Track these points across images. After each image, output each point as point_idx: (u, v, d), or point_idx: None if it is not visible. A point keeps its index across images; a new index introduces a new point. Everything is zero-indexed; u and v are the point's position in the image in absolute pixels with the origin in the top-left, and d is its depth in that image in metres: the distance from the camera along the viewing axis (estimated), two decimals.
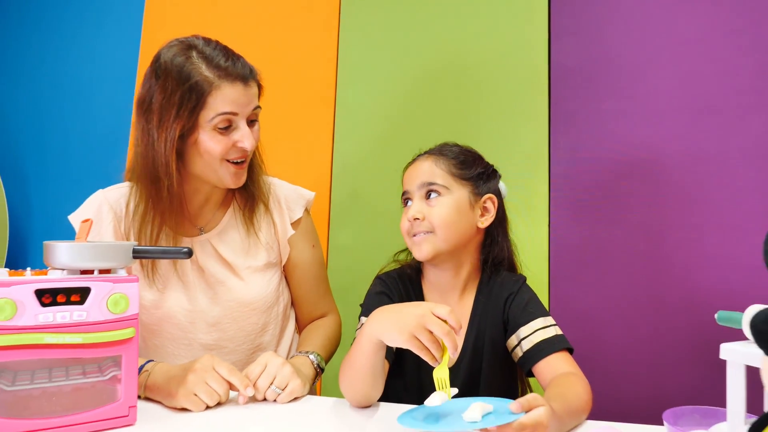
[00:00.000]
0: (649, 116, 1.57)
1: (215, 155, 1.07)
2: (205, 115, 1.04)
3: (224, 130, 1.06)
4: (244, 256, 1.18)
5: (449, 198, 1.07)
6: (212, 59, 1.05)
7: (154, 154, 1.06)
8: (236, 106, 1.06)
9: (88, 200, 1.15)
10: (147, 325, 1.12)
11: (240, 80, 1.06)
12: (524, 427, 0.71)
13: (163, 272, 1.12)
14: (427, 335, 0.80)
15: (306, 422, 0.88)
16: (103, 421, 0.81)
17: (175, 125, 1.03)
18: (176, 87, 1.03)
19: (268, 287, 1.19)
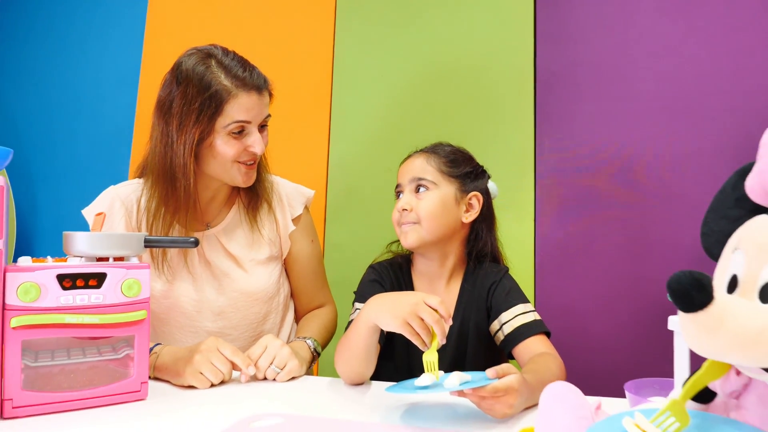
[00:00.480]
0: (629, 118, 1.64)
1: (228, 158, 1.14)
2: (221, 121, 1.11)
3: (237, 135, 1.14)
4: (248, 250, 1.25)
5: (436, 193, 1.15)
6: (230, 69, 1.13)
7: (173, 155, 1.13)
8: (250, 115, 1.13)
9: (100, 196, 1.22)
10: (156, 313, 1.19)
11: (255, 90, 1.14)
12: (497, 390, 0.79)
13: (172, 264, 1.19)
14: (418, 322, 0.88)
15: (303, 398, 0.95)
16: (116, 395, 0.89)
17: (194, 130, 1.11)
18: (196, 94, 1.10)
19: (270, 279, 1.27)
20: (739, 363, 0.46)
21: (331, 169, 1.86)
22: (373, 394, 0.98)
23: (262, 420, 0.81)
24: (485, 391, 0.78)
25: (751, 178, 0.54)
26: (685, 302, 0.43)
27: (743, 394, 0.52)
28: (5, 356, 0.80)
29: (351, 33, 1.88)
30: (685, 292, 0.43)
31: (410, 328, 0.88)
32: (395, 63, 1.82)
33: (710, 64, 1.59)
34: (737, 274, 0.49)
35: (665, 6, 1.63)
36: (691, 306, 0.43)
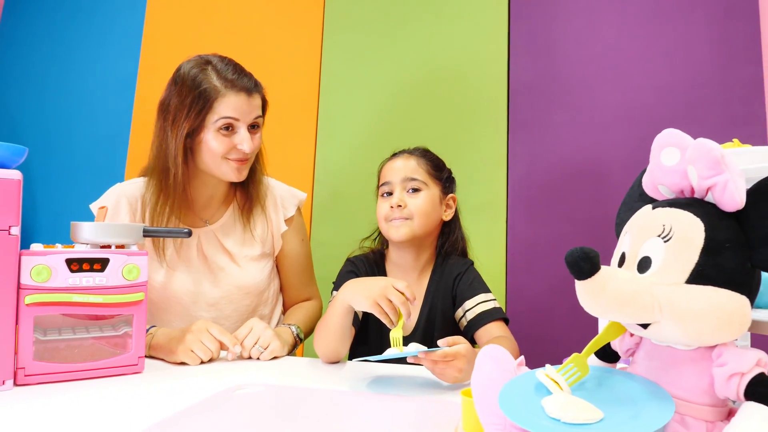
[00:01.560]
0: (595, 126, 1.76)
1: (217, 153, 1.24)
2: (210, 117, 1.22)
3: (226, 132, 1.24)
4: (242, 247, 1.36)
5: (427, 193, 1.27)
6: (222, 72, 1.24)
7: (167, 147, 1.24)
8: (238, 113, 1.23)
9: (107, 193, 1.31)
10: (156, 302, 1.29)
11: (244, 91, 1.24)
12: (446, 355, 0.90)
13: (172, 258, 1.29)
14: (387, 303, 0.99)
15: (283, 372, 1.06)
16: (116, 368, 1.00)
17: (185, 123, 1.22)
18: (189, 92, 1.22)
19: (261, 274, 1.38)
20: (619, 320, 0.58)
21: (317, 173, 1.96)
22: (346, 369, 1.09)
23: (245, 389, 0.92)
24: (436, 356, 0.90)
25: (645, 176, 0.66)
26: (576, 271, 0.55)
27: (636, 351, 0.64)
28: (19, 330, 0.91)
29: (338, 42, 1.99)
30: (575, 263, 0.55)
31: (379, 307, 0.99)
32: (379, 71, 1.93)
33: (668, 77, 1.71)
34: (625, 251, 0.61)
35: (628, 23, 1.75)
36: (580, 274, 0.55)
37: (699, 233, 0.55)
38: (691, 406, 0.56)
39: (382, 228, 1.29)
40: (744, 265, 0.55)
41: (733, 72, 1.68)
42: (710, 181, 0.57)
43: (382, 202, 1.29)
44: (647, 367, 0.61)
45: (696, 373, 0.57)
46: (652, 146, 0.65)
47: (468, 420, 0.72)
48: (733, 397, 0.54)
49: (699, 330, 0.54)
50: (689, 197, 0.60)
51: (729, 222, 0.56)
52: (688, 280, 0.54)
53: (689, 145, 0.60)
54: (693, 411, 0.56)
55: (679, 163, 0.60)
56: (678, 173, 0.60)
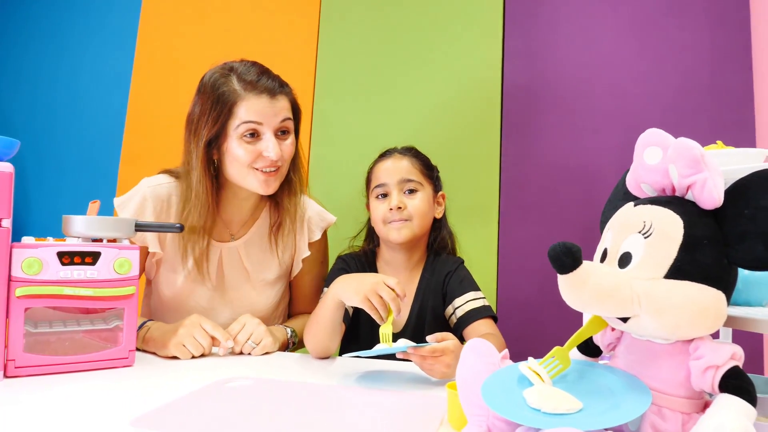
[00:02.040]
0: (587, 130, 1.77)
1: (242, 162, 1.17)
2: (232, 123, 1.16)
3: (251, 139, 1.17)
4: (260, 268, 1.31)
5: (424, 193, 1.29)
6: (243, 75, 1.17)
7: (191, 159, 1.20)
8: (261, 116, 1.16)
9: (134, 191, 1.25)
10: (168, 303, 1.28)
11: (266, 93, 1.17)
12: (435, 351, 0.91)
13: (193, 269, 1.24)
14: (377, 298, 1.00)
15: (273, 367, 1.07)
16: (106, 361, 1.00)
17: (204, 131, 1.17)
18: (208, 98, 1.17)
19: (275, 298, 1.35)
20: (600, 313, 0.59)
21: (312, 173, 1.97)
22: (336, 365, 1.10)
23: (235, 382, 0.93)
24: (425, 351, 0.91)
25: (628, 175, 0.68)
26: (558, 265, 0.56)
27: (617, 346, 0.65)
28: (10, 322, 0.92)
29: (333, 43, 2.00)
30: (557, 257, 0.56)
31: (369, 303, 1.00)
32: (374, 72, 1.94)
33: (659, 82, 1.73)
34: (607, 247, 0.62)
35: (621, 29, 1.77)
36: (562, 268, 0.56)
37: (678, 230, 0.57)
38: (668, 398, 0.57)
39: (380, 230, 1.29)
40: (721, 261, 0.56)
41: (724, 78, 1.70)
42: (690, 180, 0.58)
43: (378, 204, 1.29)
44: (627, 361, 0.62)
45: (673, 366, 0.58)
46: (636, 145, 0.66)
47: (453, 412, 0.73)
48: (708, 389, 0.55)
49: (676, 323, 0.55)
50: (670, 195, 0.62)
51: (707, 219, 0.58)
52: (666, 275, 0.56)
53: (671, 144, 0.61)
54: (670, 403, 0.57)
55: (661, 162, 0.62)
56: (659, 172, 0.62)
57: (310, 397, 0.86)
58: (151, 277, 1.32)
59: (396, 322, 1.26)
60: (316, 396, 0.87)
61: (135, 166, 2.08)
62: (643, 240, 0.58)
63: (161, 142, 2.03)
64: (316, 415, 0.77)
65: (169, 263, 1.27)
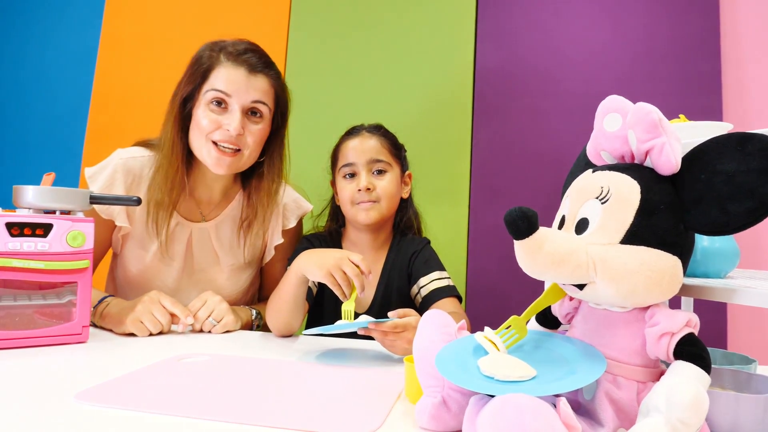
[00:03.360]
0: (558, 113, 1.77)
1: (202, 130, 1.15)
2: (203, 87, 1.15)
3: (216, 108, 1.14)
4: (231, 253, 1.28)
5: (392, 174, 1.27)
6: (230, 47, 1.17)
7: (167, 128, 1.19)
8: (231, 87, 1.13)
9: (106, 162, 1.22)
10: (132, 281, 1.25)
11: (245, 66, 1.14)
12: (396, 326, 0.90)
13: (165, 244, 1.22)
14: (341, 274, 0.98)
15: (233, 344, 1.05)
16: (59, 336, 0.97)
17: (182, 92, 1.17)
18: (191, 65, 1.18)
19: (243, 284, 1.32)
20: (555, 280, 0.58)
21: None
22: (297, 343, 1.08)
23: (190, 358, 0.91)
24: (386, 326, 0.90)
25: (589, 144, 0.67)
26: (514, 230, 0.55)
27: (575, 316, 0.64)
28: None
29: (304, 26, 1.96)
30: (513, 222, 0.55)
31: (333, 278, 0.98)
32: (345, 54, 1.90)
33: (628, 68, 1.73)
34: (564, 214, 0.61)
35: (593, 13, 1.77)
36: (518, 233, 0.55)
37: (635, 195, 0.56)
38: (623, 366, 0.57)
39: (347, 210, 1.27)
40: (677, 227, 0.56)
41: (692, 65, 1.71)
42: (648, 145, 0.57)
43: (346, 184, 1.26)
44: (584, 330, 0.61)
45: (629, 334, 0.57)
46: (596, 113, 0.65)
47: (410, 385, 0.72)
48: (663, 356, 0.55)
49: (632, 289, 0.54)
50: (629, 162, 0.61)
51: (664, 185, 0.57)
52: (622, 240, 0.55)
53: (630, 110, 0.60)
54: (625, 371, 0.57)
55: (621, 128, 0.61)
56: (619, 139, 0.61)
57: (267, 373, 0.84)
58: (118, 251, 1.28)
59: (361, 302, 1.24)
60: (273, 372, 0.85)
61: (100, 142, 2.02)
62: (600, 205, 0.57)
63: (127, 119, 1.99)
64: (270, 390, 0.75)
65: (137, 239, 1.24)
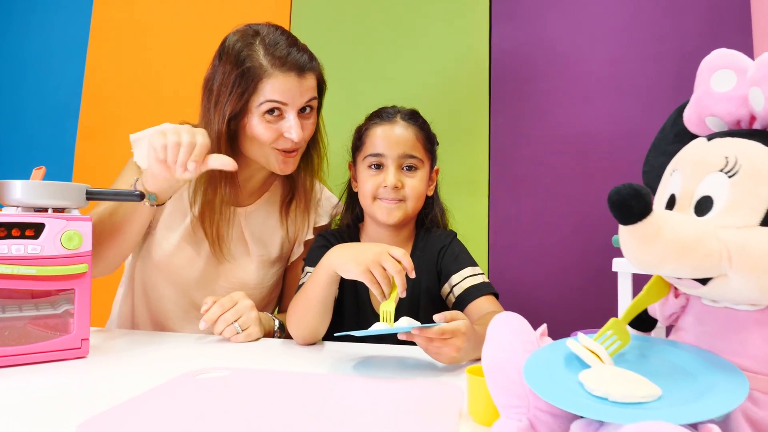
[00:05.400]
0: (580, 96, 1.67)
1: (262, 141, 1.09)
2: (255, 100, 1.07)
3: (273, 118, 1.08)
4: (261, 244, 1.22)
5: (423, 172, 1.15)
6: (271, 47, 1.07)
7: (210, 132, 1.07)
8: (286, 96, 1.07)
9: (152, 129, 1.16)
10: (157, 269, 1.17)
11: (294, 70, 1.07)
12: (444, 332, 0.79)
13: (188, 232, 1.16)
14: (380, 271, 0.87)
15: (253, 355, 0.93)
16: (55, 352, 0.85)
17: (227, 106, 1.07)
18: (233, 70, 1.07)
19: (270, 280, 1.24)
20: (676, 273, 0.47)
21: None
22: (325, 350, 0.97)
23: (208, 373, 0.79)
24: (432, 332, 0.78)
25: (688, 108, 0.56)
26: (625, 212, 0.44)
27: (681, 316, 0.54)
28: None
29: (308, 8, 1.85)
30: (623, 201, 0.44)
31: (371, 276, 0.87)
32: (354, 37, 1.80)
33: (655, 47, 1.63)
34: (675, 192, 0.50)
35: None
36: (630, 216, 0.44)
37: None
38: (759, 378, 0.46)
39: (367, 206, 1.15)
40: None
41: (723, 41, 1.58)
42: None
43: (369, 176, 1.14)
44: (699, 334, 0.51)
45: (764, 338, 0.47)
46: (699, 71, 0.54)
47: (476, 402, 0.61)
48: None
49: None
50: (749, 128, 0.50)
51: None
52: (763, 222, 0.44)
53: (749, 65, 0.49)
54: (762, 384, 0.46)
55: (736, 87, 0.50)
56: (734, 100, 0.50)
57: (298, 389, 0.73)
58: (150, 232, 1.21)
59: None
60: (304, 388, 0.74)
61: (94, 141, 1.92)
62: (728, 180, 0.46)
63: (123, 114, 1.89)
64: (305, 411, 0.64)
65: (165, 220, 1.18)
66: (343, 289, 1.11)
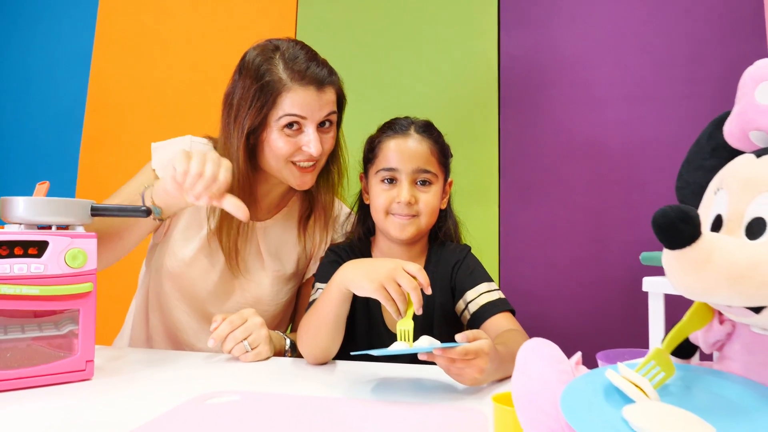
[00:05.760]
0: (591, 103, 1.65)
1: (280, 155, 1.07)
2: (274, 114, 1.05)
3: (291, 132, 1.07)
4: (278, 260, 1.20)
5: (437, 186, 1.12)
6: (290, 61, 1.06)
7: (229, 147, 1.08)
8: (305, 109, 1.05)
9: (176, 140, 1.16)
10: (171, 277, 1.15)
11: (314, 84, 1.06)
12: (467, 353, 0.75)
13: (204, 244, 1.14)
14: (395, 287, 0.84)
15: (263, 376, 0.90)
16: (59, 375, 0.82)
17: (246, 120, 1.05)
18: (252, 84, 1.05)
19: (284, 297, 1.21)
20: (728, 301, 0.43)
21: None
22: (338, 371, 0.93)
23: (218, 397, 0.76)
24: (455, 353, 0.75)
25: (730, 122, 0.52)
26: (672, 236, 0.41)
27: (727, 344, 0.50)
28: None
29: (315, 13, 1.83)
30: (671, 225, 0.41)
31: (386, 293, 0.84)
32: (363, 43, 1.78)
33: (667, 52, 1.61)
34: (721, 213, 0.47)
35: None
36: (678, 240, 0.41)
37: None
38: None
39: (380, 221, 1.12)
40: None
41: (736, 47, 1.59)
42: None
43: (382, 191, 1.10)
44: (748, 363, 0.47)
45: None
46: (742, 82, 0.51)
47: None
48: None
49: None
50: None
51: None
52: None
53: None
54: None
55: None
56: None
57: (315, 415, 0.70)
58: (159, 240, 1.20)
59: None
60: (321, 413, 0.70)
61: (98, 152, 1.89)
62: None
63: (127, 125, 1.87)
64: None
65: (181, 229, 1.16)
66: (355, 306, 1.07)
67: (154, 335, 1.20)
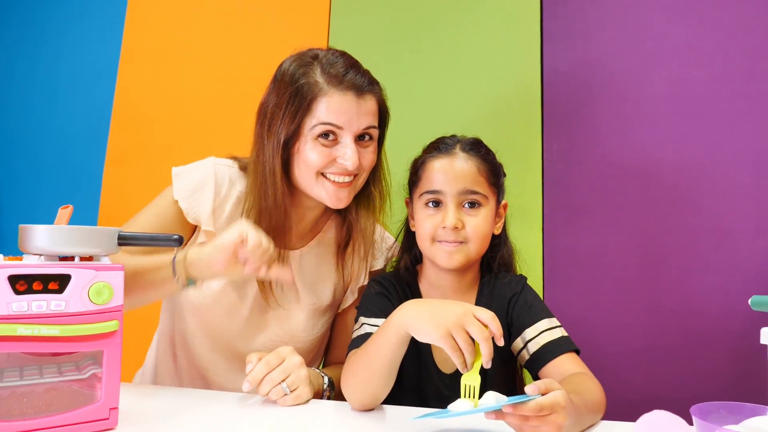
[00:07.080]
0: (641, 120, 1.56)
1: (312, 167, 0.99)
2: (308, 122, 0.98)
3: (327, 142, 0.99)
4: (313, 291, 1.12)
5: (487, 209, 1.03)
6: (328, 66, 1.00)
7: (264, 159, 1.01)
8: (341, 118, 0.98)
9: (198, 163, 1.09)
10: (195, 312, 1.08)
11: (352, 90, 0.99)
12: (542, 408, 0.66)
13: None
14: (464, 336, 0.75)
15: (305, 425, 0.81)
16: (80, 425, 0.73)
17: (282, 128, 0.98)
18: (286, 89, 0.99)
19: (320, 330, 1.13)
20: None
21: None
22: (388, 419, 0.84)
23: None
24: (528, 409, 0.65)
25: None
26: None
27: None
28: None
29: (347, 29, 1.77)
30: None
31: (453, 341, 0.74)
32: (397, 62, 1.71)
33: (723, 66, 1.52)
34: None
35: (678, 3, 1.57)
36: None
37: None
38: None
39: (425, 247, 1.03)
40: None
41: None
42: None
43: (427, 216, 1.02)
44: None
45: None
46: None
47: None
48: None
49: None
50: None
51: None
52: None
53: None
54: None
55: None
56: None
57: None
58: None
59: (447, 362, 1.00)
60: None
61: (122, 166, 1.86)
62: None
63: (152, 140, 1.82)
64: None
65: None
66: None
67: (183, 375, 1.12)
